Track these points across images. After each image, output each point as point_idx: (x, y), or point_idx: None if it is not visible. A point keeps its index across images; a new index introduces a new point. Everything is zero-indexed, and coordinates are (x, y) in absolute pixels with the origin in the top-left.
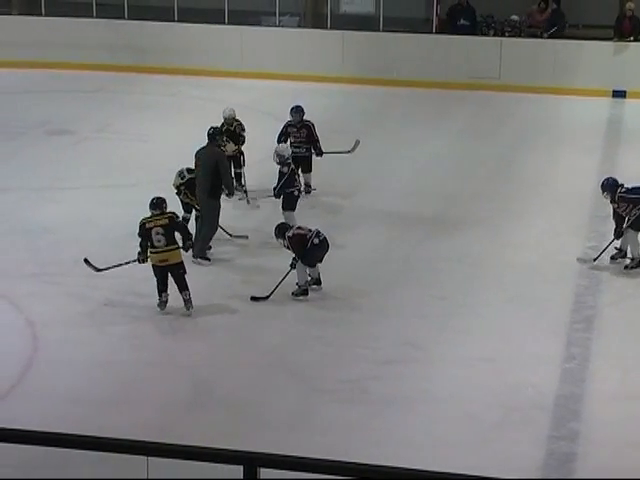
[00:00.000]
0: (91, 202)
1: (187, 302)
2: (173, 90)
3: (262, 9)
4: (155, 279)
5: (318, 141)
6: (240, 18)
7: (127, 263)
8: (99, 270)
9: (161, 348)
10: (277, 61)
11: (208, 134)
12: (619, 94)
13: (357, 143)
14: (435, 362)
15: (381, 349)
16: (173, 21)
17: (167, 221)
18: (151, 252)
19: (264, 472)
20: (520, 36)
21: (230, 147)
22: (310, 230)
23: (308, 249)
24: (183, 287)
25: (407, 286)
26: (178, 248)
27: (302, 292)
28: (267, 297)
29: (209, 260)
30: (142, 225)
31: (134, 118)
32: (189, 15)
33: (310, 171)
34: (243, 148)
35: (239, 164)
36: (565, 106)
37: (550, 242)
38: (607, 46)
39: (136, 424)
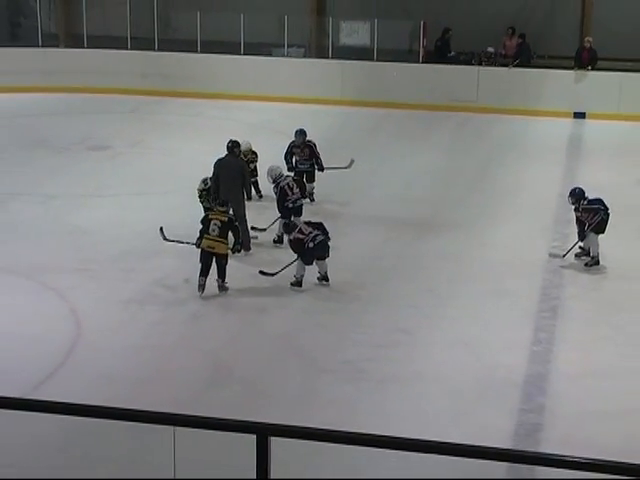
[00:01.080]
0: (126, 208)
1: (221, 287)
2: (196, 111)
3: (273, 41)
4: (200, 265)
5: (319, 158)
6: (254, 49)
7: (188, 243)
8: (166, 240)
9: (186, 333)
10: (285, 86)
11: (228, 147)
12: (579, 115)
13: (352, 161)
14: (422, 346)
15: (376, 335)
16: (196, 52)
17: (226, 219)
18: (205, 238)
19: (274, 441)
20: (494, 65)
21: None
22: (310, 233)
23: (305, 250)
24: (222, 275)
25: (399, 280)
26: (225, 244)
27: (297, 283)
28: (274, 274)
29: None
30: (206, 216)
31: (163, 135)
32: (210, 47)
33: (313, 181)
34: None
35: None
36: (532, 126)
37: (520, 242)
38: (569, 74)
39: (164, 399)
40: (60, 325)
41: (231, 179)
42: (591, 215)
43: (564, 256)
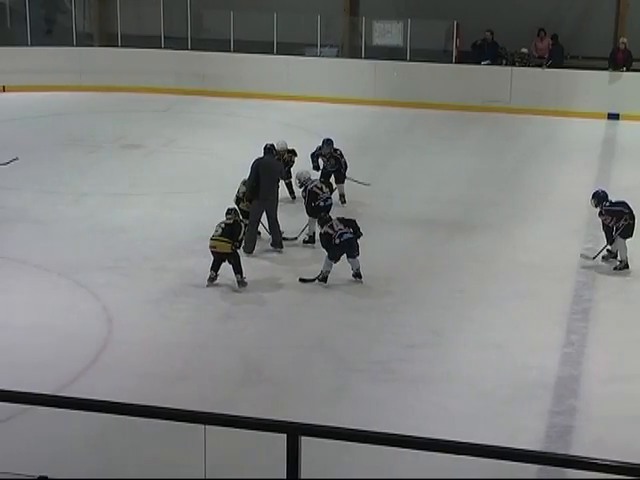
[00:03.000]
0: (159, 206)
1: (239, 283)
2: (228, 110)
3: (306, 41)
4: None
5: (343, 168)
6: (286, 49)
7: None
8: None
9: (216, 332)
10: (318, 86)
11: (266, 148)
12: (613, 116)
13: (368, 184)
14: (453, 346)
15: (406, 334)
16: (229, 51)
17: (231, 222)
18: (210, 238)
19: (305, 440)
20: (528, 66)
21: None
22: (339, 230)
23: (332, 246)
24: (235, 271)
25: (429, 280)
26: (228, 242)
27: (323, 279)
28: (313, 280)
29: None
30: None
31: (196, 134)
32: (243, 46)
33: (343, 182)
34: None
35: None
36: (566, 126)
37: (552, 244)
38: (603, 75)
39: (195, 397)
40: (92, 323)
41: (271, 180)
42: (615, 218)
43: (594, 258)
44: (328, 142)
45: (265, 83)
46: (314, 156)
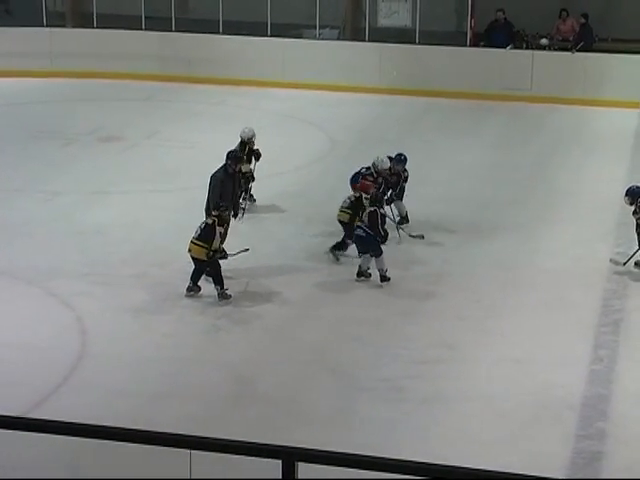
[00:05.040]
0: (140, 206)
1: (219, 296)
2: (218, 99)
3: (303, 22)
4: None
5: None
6: (282, 30)
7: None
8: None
9: (203, 346)
10: (317, 72)
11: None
12: None
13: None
14: (469, 362)
15: (418, 349)
16: (218, 33)
17: (210, 221)
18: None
19: (302, 467)
20: (552, 49)
21: (246, 167)
22: (360, 223)
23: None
24: (215, 282)
25: (443, 289)
26: (204, 247)
27: (359, 273)
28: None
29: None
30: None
31: (181, 126)
32: (233, 28)
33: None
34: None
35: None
36: (595, 117)
37: (580, 248)
38: (636, 59)
39: (180, 418)
40: (65, 335)
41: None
42: None
43: (624, 264)
44: (401, 159)
45: (258, 69)
46: (358, 176)
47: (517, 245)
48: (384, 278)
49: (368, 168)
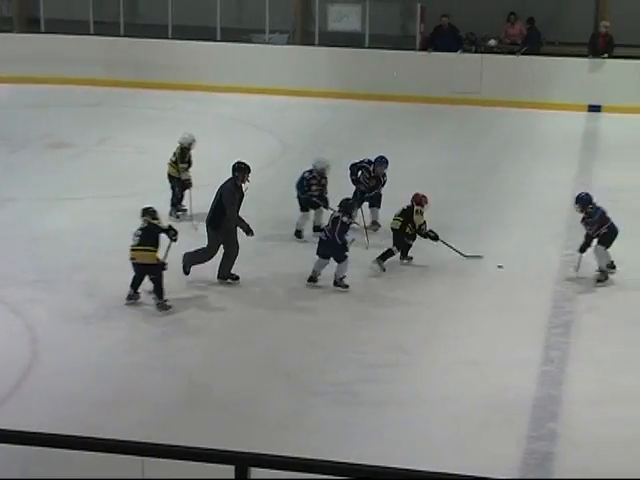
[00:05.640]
0: (91, 212)
1: (158, 305)
2: (169, 105)
3: (253, 27)
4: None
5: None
6: (232, 35)
7: None
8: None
9: (155, 352)
10: (267, 77)
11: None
12: (594, 108)
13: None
14: (423, 365)
15: (371, 353)
16: (168, 38)
17: (146, 225)
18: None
19: (256, 472)
20: (500, 53)
21: (186, 174)
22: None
23: None
24: (155, 290)
25: (395, 293)
26: (151, 251)
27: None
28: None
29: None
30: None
31: (132, 131)
32: (183, 32)
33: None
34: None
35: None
36: (543, 120)
37: (529, 250)
38: (583, 62)
39: (132, 424)
40: (15, 343)
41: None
42: (596, 226)
43: (577, 270)
44: (383, 161)
45: (208, 74)
46: (355, 167)
47: (467, 248)
48: (338, 284)
49: (310, 171)
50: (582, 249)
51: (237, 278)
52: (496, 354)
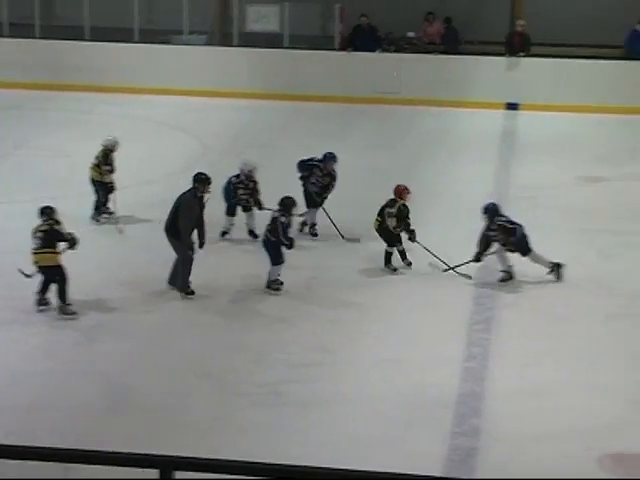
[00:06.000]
0: (7, 216)
1: (59, 309)
2: (87, 107)
3: (171, 28)
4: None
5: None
6: (150, 37)
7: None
8: None
9: (76, 357)
10: (186, 78)
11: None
12: (512, 106)
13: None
14: (346, 365)
15: (296, 353)
16: (85, 40)
17: (47, 228)
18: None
19: (181, 475)
20: (419, 52)
21: (109, 178)
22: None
23: None
24: (59, 294)
25: (319, 293)
26: (53, 253)
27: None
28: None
29: (194, 293)
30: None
31: (51, 135)
32: (100, 34)
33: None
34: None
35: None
36: (462, 118)
37: (449, 248)
38: (500, 61)
39: (54, 431)
40: None
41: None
42: (506, 236)
43: (451, 268)
44: (332, 157)
45: (127, 75)
46: (305, 165)
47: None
48: (270, 286)
49: (237, 176)
50: (477, 259)
51: (193, 293)
52: (419, 352)
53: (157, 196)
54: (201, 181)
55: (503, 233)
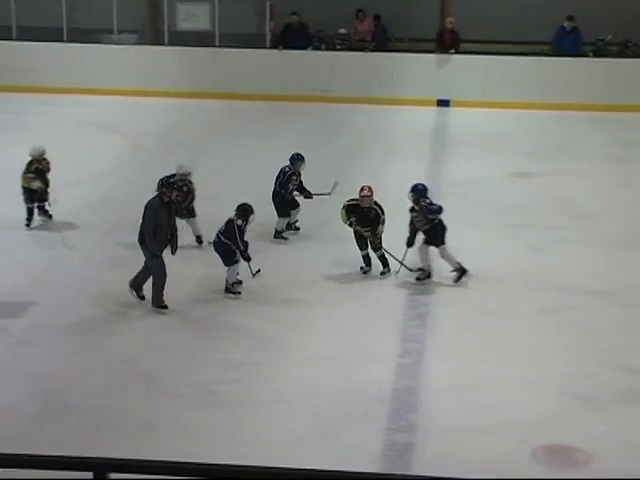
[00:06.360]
0: None
1: None
2: (15, 107)
3: (101, 27)
4: None
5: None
6: (80, 36)
7: None
8: None
9: (7, 360)
10: (117, 77)
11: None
12: (443, 103)
13: (336, 184)
14: (283, 363)
15: (231, 352)
16: (12, 39)
17: None
18: None
19: (116, 477)
20: (350, 49)
21: (36, 184)
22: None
23: None
24: None
25: (255, 291)
26: None
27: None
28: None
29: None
30: None
31: None
32: (28, 34)
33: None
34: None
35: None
36: (395, 115)
37: (385, 244)
38: (431, 58)
39: None
40: None
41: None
42: (425, 221)
43: (397, 272)
44: (300, 158)
45: (56, 75)
46: (284, 183)
47: (321, 245)
48: (230, 289)
49: (171, 177)
50: (409, 243)
51: (166, 307)
52: (354, 349)
53: (87, 197)
54: (167, 185)
55: (424, 216)
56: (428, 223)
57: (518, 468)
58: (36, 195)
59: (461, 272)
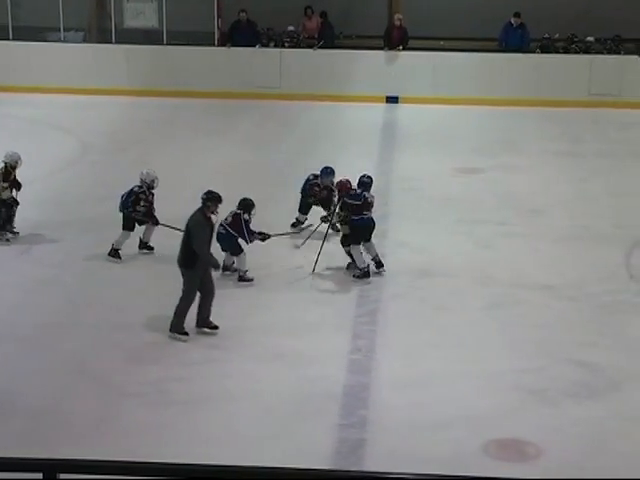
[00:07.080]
0: None
1: None
2: None
3: (47, 25)
4: None
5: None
6: (25, 34)
7: None
8: None
9: None
10: (64, 75)
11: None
12: (392, 100)
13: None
14: (235, 361)
15: (182, 350)
16: None
17: None
18: None
19: (66, 477)
20: (299, 47)
21: (7, 193)
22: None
23: None
24: None
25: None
26: None
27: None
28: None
29: (187, 334)
30: None
31: None
32: None
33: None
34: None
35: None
36: (344, 112)
37: (333, 241)
38: (379, 55)
39: None
40: None
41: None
42: (352, 210)
43: (314, 266)
44: (329, 172)
45: (3, 74)
46: (306, 191)
47: (273, 243)
48: (242, 278)
49: (141, 186)
50: (326, 219)
51: (216, 327)
52: (305, 346)
53: (36, 196)
54: (213, 199)
55: (360, 206)
56: (353, 214)
57: (470, 462)
58: (6, 206)
59: (363, 275)
